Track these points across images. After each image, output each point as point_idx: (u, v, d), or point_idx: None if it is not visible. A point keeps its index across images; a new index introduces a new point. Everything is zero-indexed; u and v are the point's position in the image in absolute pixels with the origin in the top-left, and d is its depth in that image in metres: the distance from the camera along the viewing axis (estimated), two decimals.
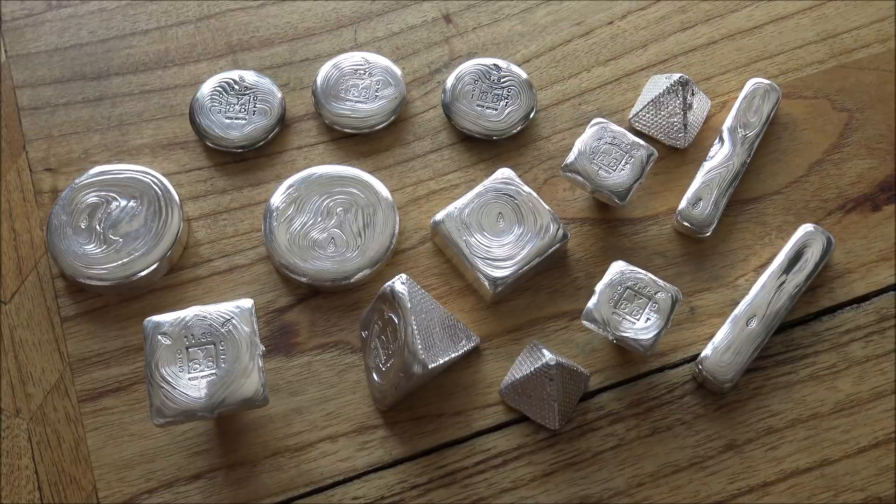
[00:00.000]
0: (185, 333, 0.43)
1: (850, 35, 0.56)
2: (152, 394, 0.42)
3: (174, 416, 0.42)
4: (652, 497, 0.45)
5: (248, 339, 0.43)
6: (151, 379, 0.42)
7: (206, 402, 0.42)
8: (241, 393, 0.42)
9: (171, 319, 0.43)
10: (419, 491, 0.45)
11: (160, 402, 0.42)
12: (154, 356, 0.42)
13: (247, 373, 0.42)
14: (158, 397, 0.42)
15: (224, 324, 0.43)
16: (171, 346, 0.43)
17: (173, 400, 0.42)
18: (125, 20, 0.57)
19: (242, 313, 0.43)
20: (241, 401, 0.42)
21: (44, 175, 0.52)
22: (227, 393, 0.42)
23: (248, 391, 0.42)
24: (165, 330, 0.43)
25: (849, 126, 0.54)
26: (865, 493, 0.45)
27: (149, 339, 0.43)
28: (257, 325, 0.43)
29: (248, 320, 0.43)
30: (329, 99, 0.53)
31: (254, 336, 0.43)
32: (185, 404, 0.42)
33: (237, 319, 0.43)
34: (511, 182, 0.50)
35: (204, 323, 0.43)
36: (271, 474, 0.45)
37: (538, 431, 0.46)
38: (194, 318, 0.43)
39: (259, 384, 0.42)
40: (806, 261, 0.48)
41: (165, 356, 0.43)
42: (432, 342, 0.44)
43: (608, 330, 0.45)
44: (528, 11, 0.57)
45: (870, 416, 0.46)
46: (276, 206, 0.50)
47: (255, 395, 0.42)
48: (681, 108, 0.51)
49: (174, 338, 0.43)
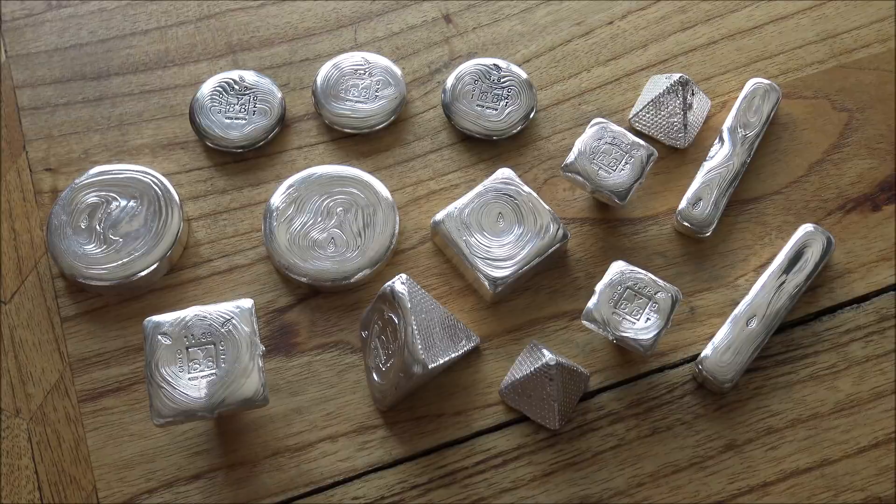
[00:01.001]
0: (185, 333, 0.43)
1: (850, 35, 0.56)
2: (152, 394, 0.42)
3: (174, 416, 0.42)
4: (652, 497, 0.45)
5: (248, 339, 0.43)
6: (151, 379, 0.42)
7: (206, 403, 0.42)
8: (241, 393, 0.42)
9: (171, 319, 0.43)
10: (419, 491, 0.45)
11: (160, 402, 0.42)
12: (154, 356, 0.42)
13: (247, 373, 0.42)
14: (158, 397, 0.42)
15: (224, 324, 0.43)
16: (171, 346, 0.43)
17: (173, 400, 0.42)
18: (125, 20, 0.57)
19: (242, 313, 0.43)
20: (241, 401, 0.42)
21: (44, 175, 0.52)
22: (227, 393, 0.42)
23: (248, 391, 0.42)
24: (165, 330, 0.43)
25: (849, 126, 0.54)
26: (865, 493, 0.45)
27: (149, 338, 0.43)
28: (257, 325, 0.43)
29: (248, 320, 0.43)
30: (329, 99, 0.53)
31: (254, 336, 0.43)
32: (185, 404, 0.42)
33: (237, 319, 0.43)
34: (511, 182, 0.50)
35: (204, 323, 0.43)
36: (271, 474, 0.45)
37: (538, 431, 0.46)
38: (194, 318, 0.43)
39: (259, 384, 0.42)
40: (806, 261, 0.48)
41: (165, 356, 0.43)
42: (432, 342, 0.44)
43: (608, 330, 0.45)
44: (528, 11, 0.57)
45: (870, 416, 0.46)
46: (276, 206, 0.50)
47: (255, 394, 0.42)
48: (681, 108, 0.51)
49: (174, 338, 0.43)
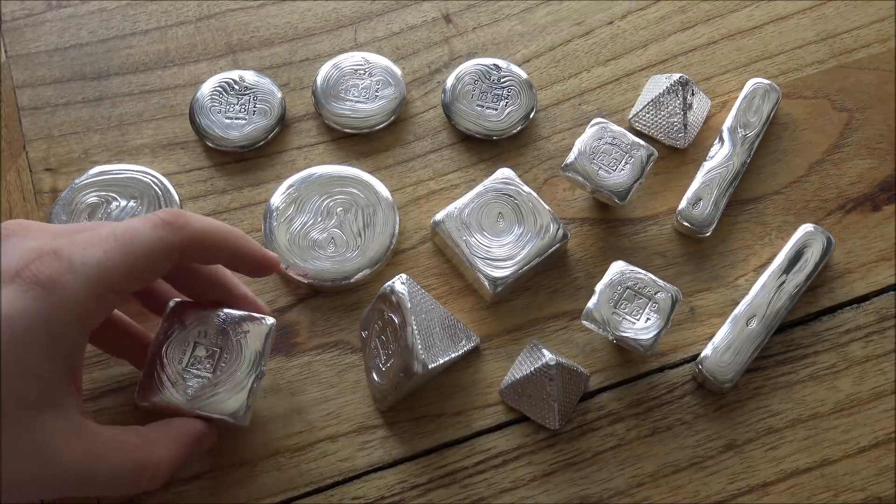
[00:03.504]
0: (200, 329, 0.43)
1: (850, 35, 0.56)
2: (145, 372, 0.42)
3: (153, 404, 0.42)
4: (652, 497, 0.45)
5: (252, 357, 0.43)
6: (151, 360, 0.42)
7: (188, 402, 0.42)
8: (223, 406, 0.42)
9: (194, 309, 0.43)
10: (419, 491, 0.45)
11: (149, 386, 0.42)
12: (163, 338, 0.43)
13: (237, 389, 0.42)
14: (150, 381, 0.42)
15: (238, 333, 0.43)
16: (182, 335, 0.43)
17: (161, 389, 0.42)
18: (125, 20, 0.57)
19: (259, 329, 0.43)
20: (221, 413, 0.42)
21: (44, 175, 0.52)
22: (210, 401, 0.42)
23: (230, 407, 0.42)
24: (183, 317, 0.43)
25: (849, 126, 0.54)
26: (865, 493, 0.45)
27: (167, 319, 0.43)
28: (269, 347, 0.43)
29: (261, 339, 0.43)
30: (329, 99, 0.53)
31: (260, 357, 0.43)
32: (169, 398, 0.42)
33: (251, 333, 0.43)
34: (511, 182, 0.50)
35: (222, 326, 0.43)
36: (271, 474, 0.45)
37: (538, 431, 0.46)
38: (215, 318, 0.43)
39: (243, 404, 0.42)
40: (806, 261, 0.48)
41: (174, 343, 0.42)
42: (432, 342, 0.44)
43: (608, 330, 0.45)
44: (528, 11, 0.57)
45: (870, 416, 0.46)
46: (276, 206, 0.50)
47: (235, 412, 0.42)
48: (681, 108, 0.51)
49: (188, 327, 0.43)
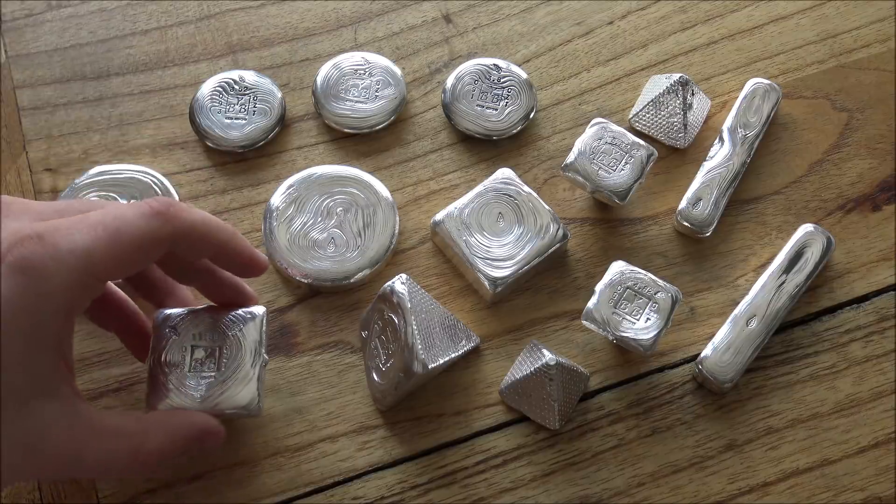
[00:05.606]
0: (193, 331, 0.43)
1: (850, 35, 0.56)
2: (151, 384, 0.42)
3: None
4: (652, 497, 0.45)
5: (253, 347, 0.43)
6: (152, 370, 0.42)
7: (200, 404, 0.42)
8: (235, 400, 0.42)
9: (183, 314, 0.43)
10: (419, 491, 0.45)
11: (156, 394, 0.42)
12: (159, 347, 0.42)
13: (245, 381, 0.42)
14: (156, 389, 0.42)
15: (232, 328, 0.43)
16: (178, 341, 0.43)
17: (168, 395, 0.42)
18: (125, 20, 0.57)
19: (253, 320, 0.43)
20: (234, 407, 0.42)
21: (44, 175, 0.52)
22: (221, 398, 0.42)
23: (242, 399, 0.42)
24: (174, 324, 0.43)
25: (849, 126, 0.54)
26: (865, 493, 0.45)
27: (158, 330, 0.43)
28: (266, 335, 0.43)
29: (258, 328, 0.43)
30: (329, 99, 0.53)
31: (259, 346, 0.43)
32: (178, 402, 0.42)
33: (246, 326, 0.43)
34: (511, 182, 0.49)
35: (213, 324, 0.43)
36: (271, 474, 0.45)
37: (538, 431, 0.46)
38: (205, 317, 0.43)
39: (255, 394, 0.42)
40: (806, 261, 0.48)
41: (172, 350, 0.42)
42: (432, 342, 0.44)
43: (608, 330, 0.45)
44: (528, 11, 0.57)
45: (870, 416, 0.46)
46: (276, 206, 0.50)
47: (249, 403, 0.42)
48: (681, 108, 0.51)
49: (182, 333, 0.43)
